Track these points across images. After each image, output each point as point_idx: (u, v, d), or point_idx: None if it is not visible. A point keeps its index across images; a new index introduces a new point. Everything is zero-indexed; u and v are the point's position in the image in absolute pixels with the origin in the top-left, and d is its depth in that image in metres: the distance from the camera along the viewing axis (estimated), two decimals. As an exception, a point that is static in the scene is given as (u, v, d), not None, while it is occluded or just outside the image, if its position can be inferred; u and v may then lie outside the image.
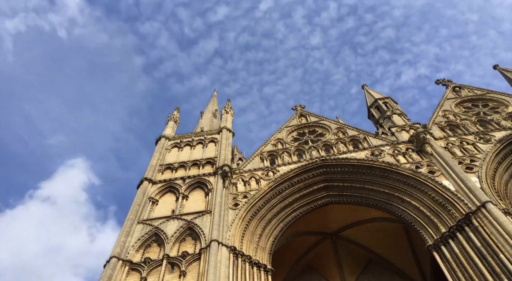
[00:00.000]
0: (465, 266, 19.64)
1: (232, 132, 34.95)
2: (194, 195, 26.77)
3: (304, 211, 26.37)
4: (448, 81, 39.35)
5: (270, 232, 24.79)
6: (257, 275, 21.66)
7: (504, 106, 32.74)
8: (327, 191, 27.04)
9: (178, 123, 39.42)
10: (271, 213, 25.34)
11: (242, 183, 27.49)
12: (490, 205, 20.40)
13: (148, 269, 20.88)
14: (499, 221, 19.50)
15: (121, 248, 21.91)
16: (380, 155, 27.63)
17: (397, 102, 38.03)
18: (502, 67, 40.36)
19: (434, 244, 21.68)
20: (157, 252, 22.05)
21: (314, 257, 31.63)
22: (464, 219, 20.90)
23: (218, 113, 51.83)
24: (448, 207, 22.07)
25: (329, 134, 33.16)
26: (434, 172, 24.56)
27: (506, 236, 18.77)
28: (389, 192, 25.15)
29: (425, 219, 22.88)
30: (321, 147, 30.89)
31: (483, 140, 27.25)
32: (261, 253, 23.24)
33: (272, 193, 26.06)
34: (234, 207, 24.83)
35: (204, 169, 29.31)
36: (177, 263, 20.87)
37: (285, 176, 26.99)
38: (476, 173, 23.68)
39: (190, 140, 34.04)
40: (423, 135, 27.47)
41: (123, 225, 23.78)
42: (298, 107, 39.57)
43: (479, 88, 36.41)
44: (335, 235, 31.21)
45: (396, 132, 30.78)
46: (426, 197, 23.37)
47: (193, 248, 21.90)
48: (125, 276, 20.67)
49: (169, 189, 27.68)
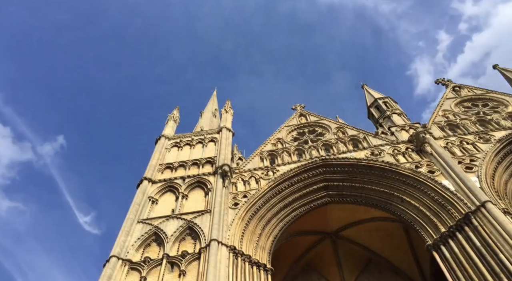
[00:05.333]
0: (465, 266, 19.63)
1: (232, 131, 34.94)
2: (194, 195, 26.77)
3: (303, 210, 26.38)
4: (448, 81, 39.37)
5: (270, 231, 24.79)
6: (256, 275, 21.66)
7: (504, 106, 32.76)
8: (327, 190, 27.04)
9: (178, 123, 39.40)
10: (270, 212, 25.34)
11: (241, 183, 27.49)
12: (490, 205, 20.40)
13: (148, 268, 20.87)
14: (499, 221, 19.50)
15: (121, 248, 21.91)
16: (379, 154, 27.64)
17: (396, 102, 38.05)
18: (502, 67, 40.36)
19: (433, 243, 21.67)
20: (157, 252, 22.05)
21: (313, 256, 31.64)
22: (463, 219, 20.90)
23: (218, 113, 51.84)
24: (447, 207, 22.08)
25: (329, 133, 33.18)
26: (434, 171, 24.57)
27: (505, 236, 18.77)
28: (388, 192, 25.15)
29: (425, 219, 22.87)
30: (321, 147, 30.89)
31: (482, 139, 27.26)
32: (260, 253, 23.25)
33: (272, 192, 26.06)
34: (233, 206, 24.84)
35: (204, 168, 29.31)
36: (177, 262, 20.86)
37: (284, 175, 26.99)
38: (475, 173, 23.68)
39: (190, 140, 34.03)
40: (423, 134, 27.49)
41: (122, 225, 23.78)
42: (298, 107, 39.54)
43: (479, 88, 36.42)
44: (334, 235, 31.23)
45: (396, 131, 30.80)
46: (426, 196, 23.37)
47: (193, 247, 21.90)
48: (125, 275, 20.67)
49: (168, 189, 27.67)
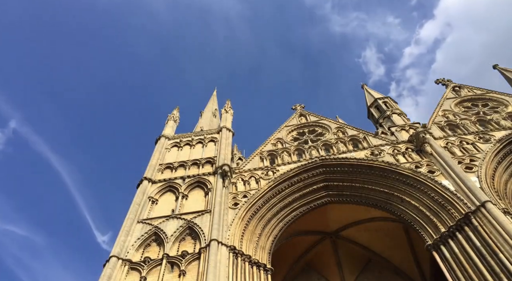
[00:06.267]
0: (465, 266, 19.63)
1: (232, 131, 34.91)
2: (194, 195, 26.77)
3: (303, 210, 26.36)
4: (448, 81, 39.36)
5: (270, 231, 24.78)
6: (256, 275, 21.65)
7: (504, 106, 32.77)
8: (327, 190, 27.03)
9: (178, 123, 39.37)
10: (270, 212, 25.33)
11: (241, 183, 27.47)
12: (490, 205, 20.39)
13: (148, 268, 20.86)
14: (499, 221, 19.49)
15: (121, 248, 21.90)
16: (379, 154, 27.64)
17: (396, 102, 38.07)
18: (502, 67, 40.36)
19: (433, 243, 21.66)
20: (157, 252, 22.04)
21: (313, 256, 31.64)
22: (463, 219, 20.90)
23: (218, 113, 51.83)
24: (447, 207, 22.07)
25: (328, 133, 33.17)
26: (434, 171, 24.56)
27: (505, 236, 18.77)
28: (388, 192, 25.15)
29: (425, 219, 22.86)
30: (321, 147, 30.89)
31: (482, 139, 27.26)
32: (260, 253, 23.24)
33: (272, 192, 26.05)
34: (233, 206, 24.83)
35: (204, 168, 29.30)
36: (177, 262, 20.85)
37: (284, 175, 26.97)
38: (475, 173, 23.67)
39: (189, 140, 34.02)
40: (423, 134, 27.49)
41: (122, 224, 23.78)
42: (298, 107, 39.52)
43: (479, 88, 36.41)
44: (334, 235, 31.23)
45: (396, 131, 30.80)
46: (426, 196, 23.36)
47: (193, 247, 21.89)
48: (125, 275, 20.65)
49: (168, 189, 27.66)
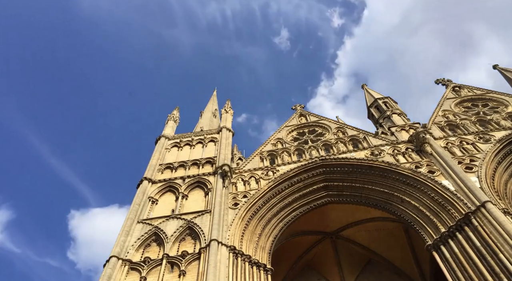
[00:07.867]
0: (465, 266, 19.64)
1: (232, 131, 34.94)
2: (194, 195, 26.78)
3: (303, 210, 26.37)
4: (448, 81, 39.36)
5: (270, 231, 24.79)
6: (256, 275, 21.66)
7: (504, 106, 32.77)
8: (327, 190, 27.03)
9: (178, 123, 39.39)
10: (270, 212, 25.34)
11: (241, 183, 27.48)
12: (490, 205, 20.40)
13: (148, 268, 20.87)
14: (499, 221, 19.50)
15: (121, 248, 21.91)
16: (379, 154, 27.64)
17: (396, 102, 38.03)
18: (502, 67, 40.37)
19: (433, 244, 21.67)
20: (157, 252, 22.05)
21: (313, 256, 31.65)
22: (463, 219, 20.90)
23: (217, 113, 51.83)
24: (447, 207, 22.07)
25: (328, 133, 33.17)
26: (434, 171, 24.56)
27: (505, 236, 18.78)
28: (388, 192, 25.15)
29: (425, 219, 22.87)
30: (321, 147, 30.89)
31: (482, 140, 27.26)
32: (260, 253, 23.24)
33: (272, 192, 26.05)
34: (233, 206, 24.83)
35: (204, 168, 29.31)
36: (177, 262, 20.86)
37: (284, 175, 26.98)
38: (475, 173, 23.68)
39: (189, 140, 34.05)
40: (423, 134, 27.48)
41: (122, 225, 23.79)
42: (298, 107, 39.51)
43: (479, 88, 36.43)
44: (334, 235, 31.24)
45: (396, 131, 30.79)
46: (426, 196, 23.36)
47: (193, 247, 21.90)
48: (125, 275, 20.68)
49: (168, 189, 27.68)
